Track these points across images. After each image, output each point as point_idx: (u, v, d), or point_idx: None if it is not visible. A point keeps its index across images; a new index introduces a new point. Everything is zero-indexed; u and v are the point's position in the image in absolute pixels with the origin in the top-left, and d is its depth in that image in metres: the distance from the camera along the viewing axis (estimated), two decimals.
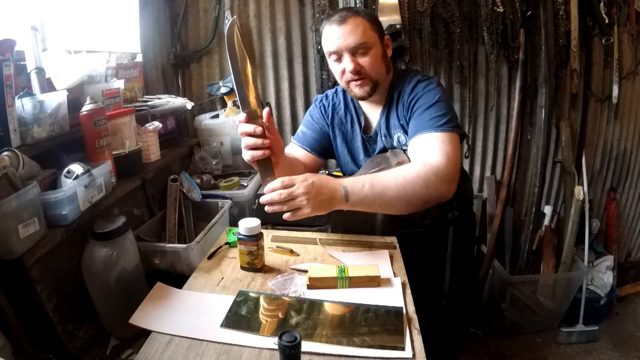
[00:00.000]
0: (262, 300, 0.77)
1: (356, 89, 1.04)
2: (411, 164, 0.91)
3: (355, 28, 0.98)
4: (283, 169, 0.96)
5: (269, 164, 0.85)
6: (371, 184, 0.85)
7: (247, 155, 0.85)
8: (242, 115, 0.82)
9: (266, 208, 0.82)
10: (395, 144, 1.09)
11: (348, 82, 1.04)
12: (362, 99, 1.08)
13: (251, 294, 0.79)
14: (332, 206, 0.84)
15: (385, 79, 1.07)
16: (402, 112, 1.05)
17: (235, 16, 1.10)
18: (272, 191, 0.81)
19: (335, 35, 0.99)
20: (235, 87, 0.81)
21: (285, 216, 0.82)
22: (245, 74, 0.81)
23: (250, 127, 0.82)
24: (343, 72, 1.02)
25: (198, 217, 1.24)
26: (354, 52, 0.99)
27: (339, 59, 1.02)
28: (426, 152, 0.92)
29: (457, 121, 0.99)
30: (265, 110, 0.84)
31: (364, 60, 1.00)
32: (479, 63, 1.76)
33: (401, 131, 1.06)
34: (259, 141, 0.83)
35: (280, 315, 0.72)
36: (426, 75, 1.07)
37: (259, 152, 0.83)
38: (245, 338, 0.66)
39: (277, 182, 0.82)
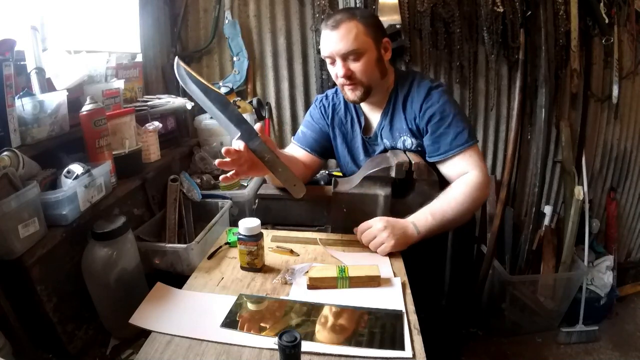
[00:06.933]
0: (262, 302, 0.76)
1: (349, 93, 1.05)
2: (456, 187, 0.99)
3: (346, 34, 0.97)
4: None
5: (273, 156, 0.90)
6: (432, 215, 0.95)
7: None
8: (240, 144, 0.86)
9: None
10: (399, 146, 1.09)
11: (342, 85, 1.05)
12: (355, 102, 1.10)
13: (252, 296, 0.78)
14: (407, 240, 0.93)
15: (380, 83, 1.06)
16: (412, 116, 1.05)
17: (177, 57, 1.03)
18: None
19: (328, 41, 1.00)
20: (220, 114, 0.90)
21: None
22: (220, 99, 0.88)
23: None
24: (337, 75, 1.03)
25: (198, 217, 1.23)
26: (345, 57, 0.99)
27: (333, 62, 1.02)
28: (463, 172, 1.01)
29: (472, 128, 1.04)
30: (257, 126, 0.88)
31: (355, 66, 1.00)
32: (479, 63, 1.76)
33: (408, 134, 1.06)
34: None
35: (280, 316, 0.72)
36: (434, 81, 1.07)
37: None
38: (245, 338, 0.66)
39: (358, 232, 0.95)
